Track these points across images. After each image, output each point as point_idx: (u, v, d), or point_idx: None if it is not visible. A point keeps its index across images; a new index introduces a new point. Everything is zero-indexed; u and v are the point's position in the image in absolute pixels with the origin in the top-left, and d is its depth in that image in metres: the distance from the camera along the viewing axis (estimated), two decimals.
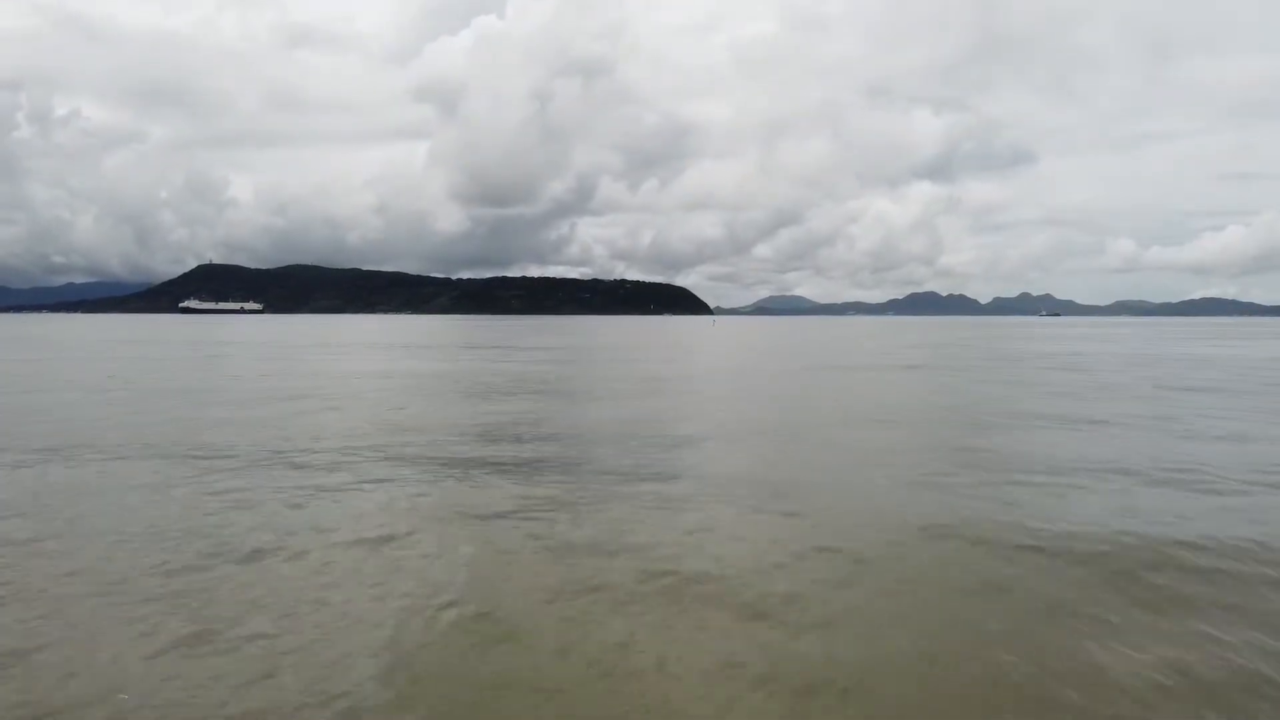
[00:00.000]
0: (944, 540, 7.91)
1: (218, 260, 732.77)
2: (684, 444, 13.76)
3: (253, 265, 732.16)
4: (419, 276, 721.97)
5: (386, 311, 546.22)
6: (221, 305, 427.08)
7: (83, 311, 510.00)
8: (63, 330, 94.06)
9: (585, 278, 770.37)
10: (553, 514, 8.89)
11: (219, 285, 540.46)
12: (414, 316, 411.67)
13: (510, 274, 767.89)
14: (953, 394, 23.64)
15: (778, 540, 7.90)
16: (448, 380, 26.67)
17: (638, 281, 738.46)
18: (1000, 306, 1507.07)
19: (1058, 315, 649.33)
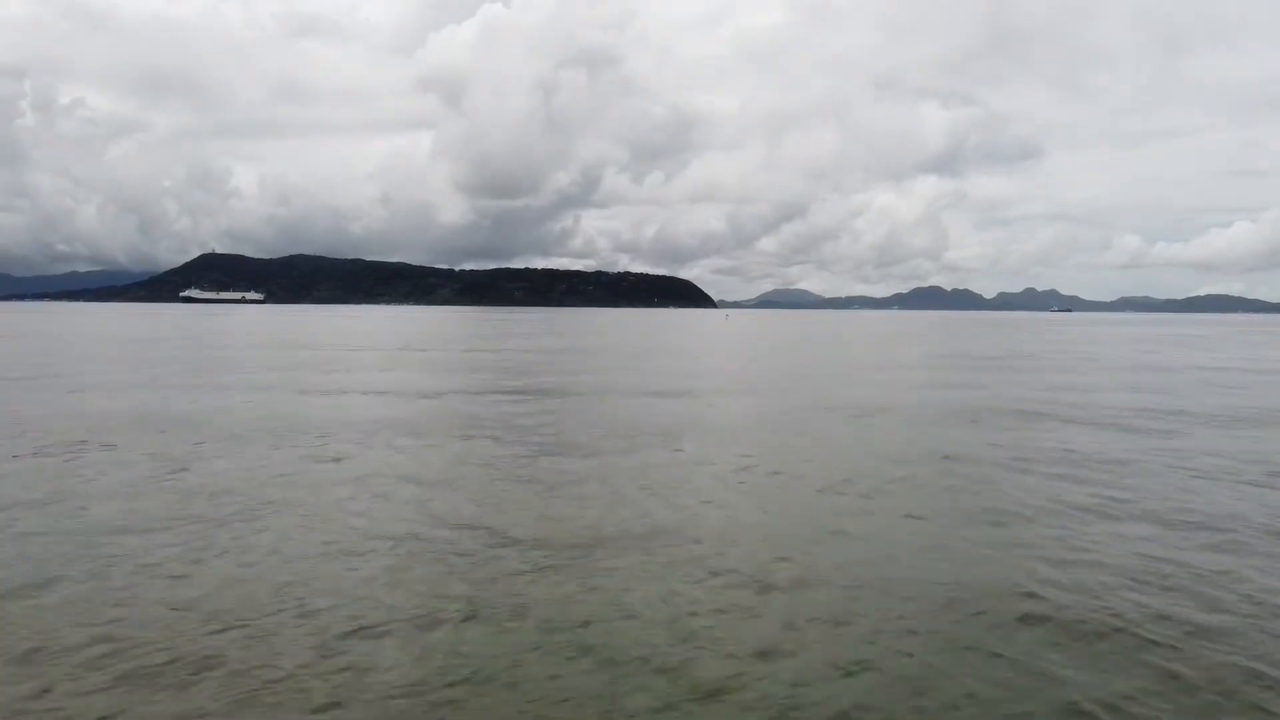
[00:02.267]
0: None
1: (221, 250, 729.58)
2: None
3: (256, 255, 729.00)
4: (422, 268, 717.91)
5: (389, 302, 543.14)
6: (223, 295, 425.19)
7: (85, 300, 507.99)
8: None
9: (589, 270, 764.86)
10: None
11: (222, 275, 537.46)
12: (415, 307, 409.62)
13: (514, 265, 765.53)
14: None
15: None
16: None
17: (641, 274, 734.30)
18: (1005, 302, 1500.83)
19: (1069, 311, 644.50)
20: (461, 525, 9.86)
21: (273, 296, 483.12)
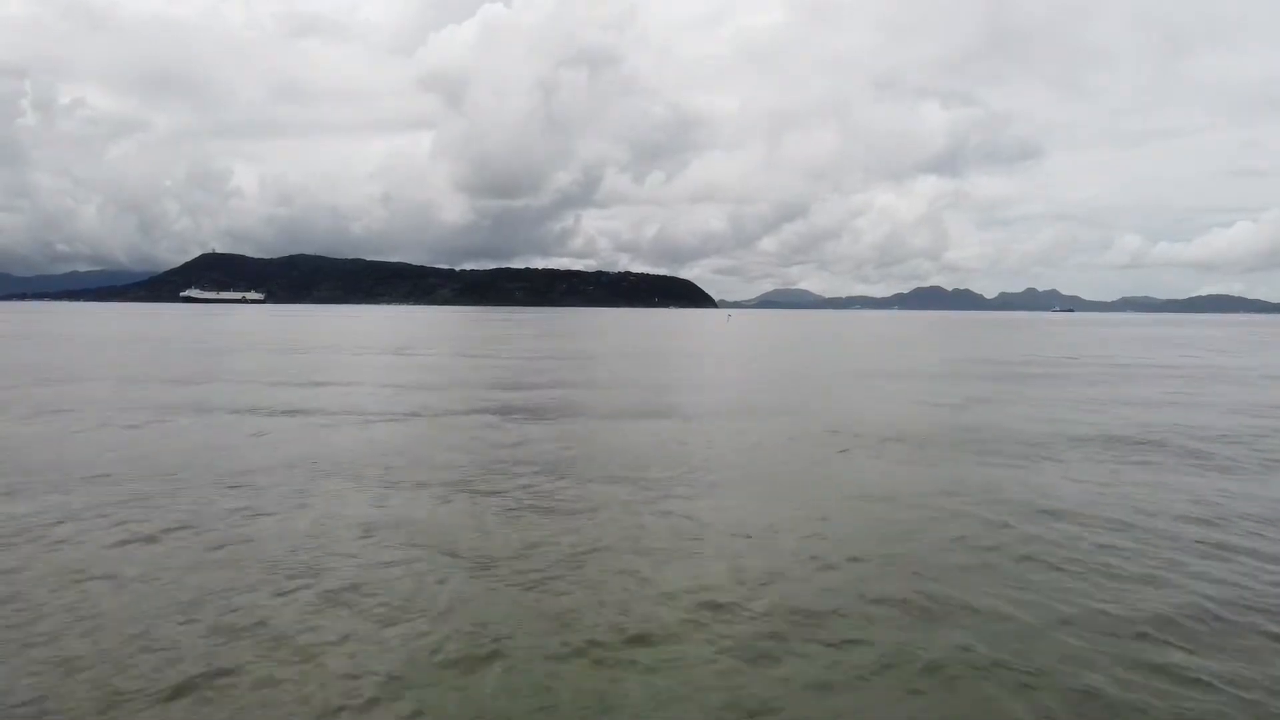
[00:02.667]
0: None
1: (221, 250, 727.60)
2: None
3: (256, 255, 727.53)
4: (422, 267, 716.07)
5: (389, 302, 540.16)
6: (223, 295, 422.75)
7: (86, 300, 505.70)
8: None
9: (589, 270, 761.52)
10: None
11: (222, 274, 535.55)
12: (415, 307, 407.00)
13: (514, 265, 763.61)
14: None
15: None
16: None
17: (642, 274, 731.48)
18: (1006, 302, 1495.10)
19: (1071, 311, 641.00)
20: (425, 634, 6.77)
21: (273, 296, 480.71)
